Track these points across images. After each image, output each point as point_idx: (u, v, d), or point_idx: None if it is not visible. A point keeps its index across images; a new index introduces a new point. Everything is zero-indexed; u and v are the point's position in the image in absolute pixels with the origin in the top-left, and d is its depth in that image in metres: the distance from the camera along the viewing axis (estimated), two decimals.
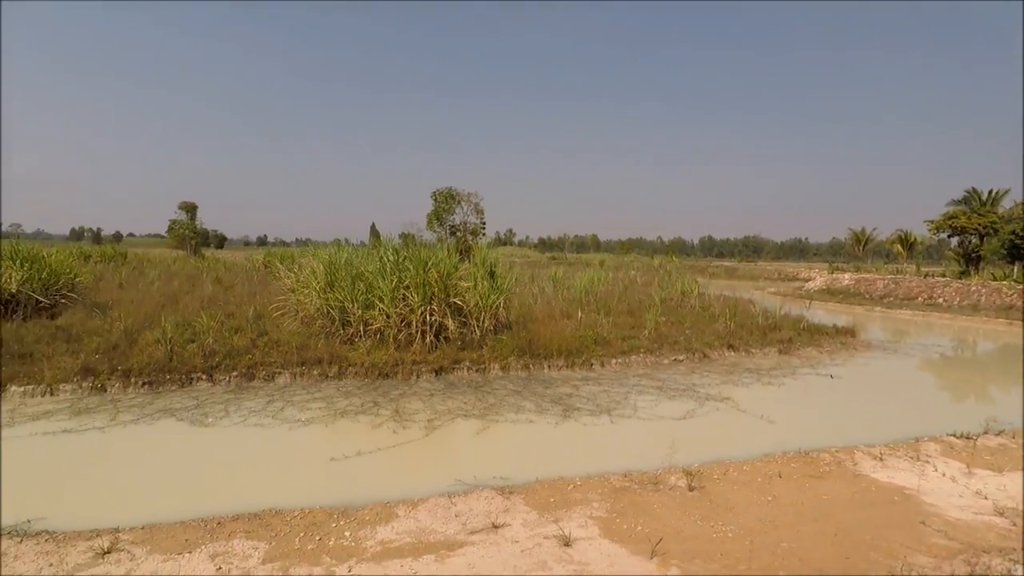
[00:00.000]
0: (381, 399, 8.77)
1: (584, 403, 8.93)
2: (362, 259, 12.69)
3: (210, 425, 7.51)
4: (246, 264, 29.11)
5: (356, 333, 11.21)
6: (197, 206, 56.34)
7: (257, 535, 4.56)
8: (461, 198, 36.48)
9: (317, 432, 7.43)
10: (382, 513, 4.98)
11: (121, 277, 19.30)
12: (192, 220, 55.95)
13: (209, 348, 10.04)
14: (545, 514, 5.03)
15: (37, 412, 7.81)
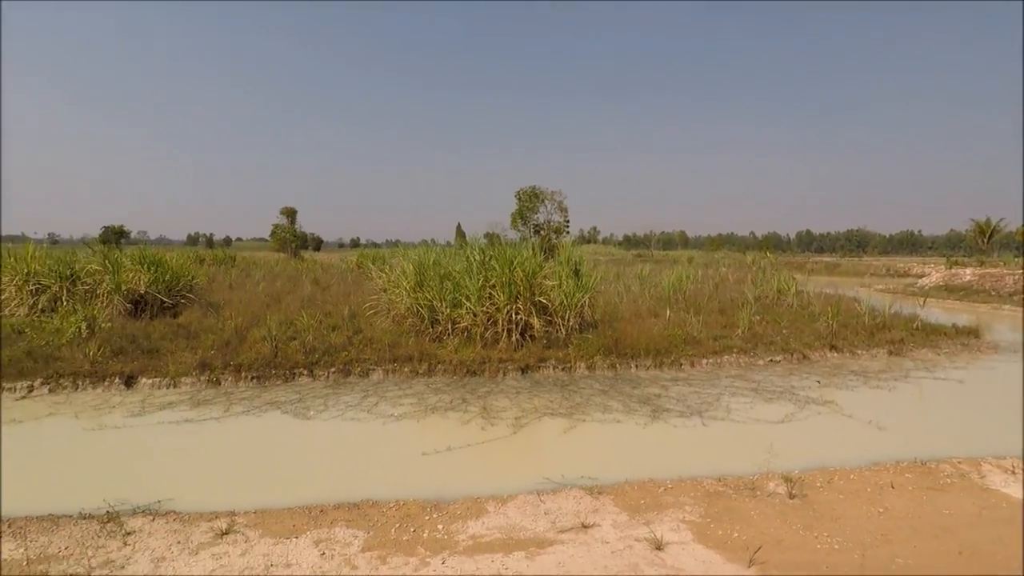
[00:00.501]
0: (469, 396, 8.96)
1: (674, 404, 8.67)
2: (449, 259, 13.02)
3: (311, 418, 7.98)
4: (341, 265, 30.70)
5: (444, 331, 11.52)
6: (296, 211, 60.09)
7: (356, 524, 4.79)
8: (545, 197, 36.56)
9: (409, 427, 7.69)
10: (473, 508, 5.08)
11: (231, 279, 20.96)
12: (292, 224, 59.76)
13: (309, 345, 10.67)
14: (635, 516, 4.93)
15: (163, 402, 8.63)
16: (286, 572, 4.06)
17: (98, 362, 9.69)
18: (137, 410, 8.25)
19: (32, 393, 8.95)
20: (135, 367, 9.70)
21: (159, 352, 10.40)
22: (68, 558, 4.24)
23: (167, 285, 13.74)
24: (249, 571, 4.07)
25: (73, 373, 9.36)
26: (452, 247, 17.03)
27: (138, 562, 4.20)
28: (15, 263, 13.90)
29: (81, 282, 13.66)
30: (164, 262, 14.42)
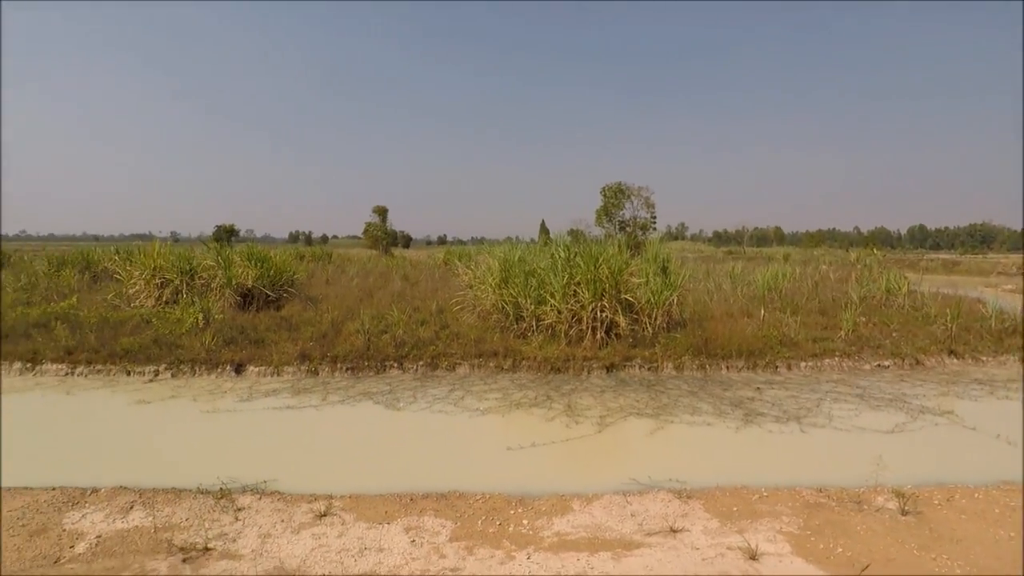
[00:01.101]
0: (553, 393, 8.95)
1: (768, 408, 8.23)
2: (534, 256, 13.05)
3: (401, 409, 8.27)
4: (428, 262, 31.63)
5: (529, 328, 11.58)
6: (387, 210, 62.53)
7: (444, 514, 4.92)
8: (631, 193, 35.82)
9: (494, 422, 7.80)
10: (558, 505, 5.07)
11: (327, 275, 22.14)
12: (383, 222, 62.24)
13: (399, 339, 11.08)
14: (727, 523, 4.72)
15: (268, 389, 9.26)
16: (379, 556, 4.24)
17: (212, 350, 10.56)
18: (245, 396, 8.91)
19: (158, 377, 9.91)
20: (243, 356, 10.48)
21: (264, 342, 11.18)
22: (188, 528, 4.65)
23: (271, 280, 14.73)
24: (345, 552, 4.28)
25: (191, 360, 10.26)
26: (536, 244, 17.08)
27: (247, 537, 4.53)
28: (144, 259, 15.42)
29: (198, 277, 14.95)
30: (269, 259, 15.46)
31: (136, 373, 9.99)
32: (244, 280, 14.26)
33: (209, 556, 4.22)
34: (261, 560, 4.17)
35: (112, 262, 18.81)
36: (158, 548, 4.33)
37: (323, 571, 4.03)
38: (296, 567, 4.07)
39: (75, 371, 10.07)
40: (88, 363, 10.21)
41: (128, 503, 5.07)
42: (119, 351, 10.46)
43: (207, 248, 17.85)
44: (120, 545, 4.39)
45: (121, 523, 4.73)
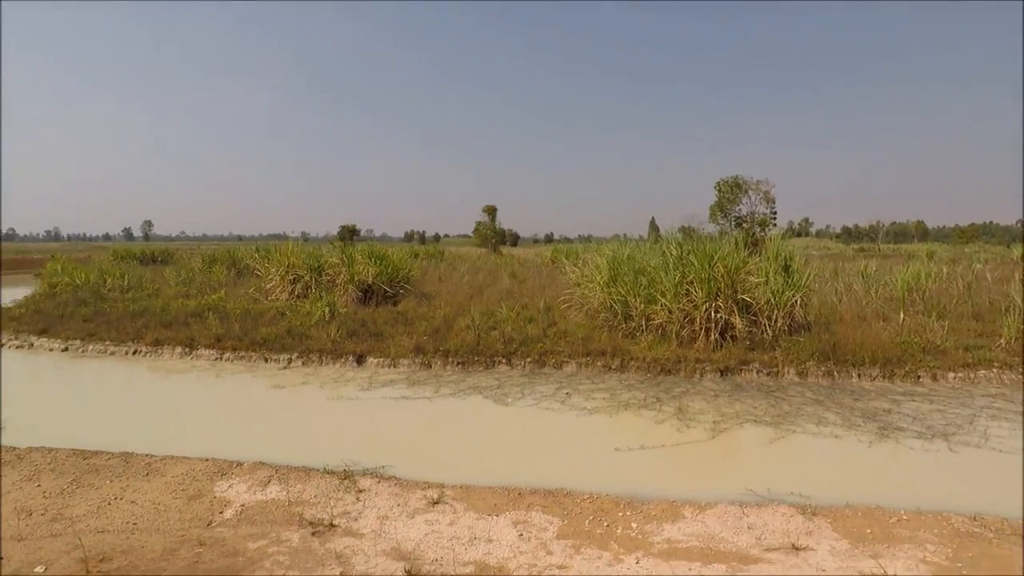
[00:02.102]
0: (663, 395, 8.68)
1: (909, 423, 7.43)
2: (644, 254, 12.74)
3: (509, 404, 8.42)
4: (536, 260, 31.91)
5: (638, 327, 11.32)
6: (496, 209, 63.93)
7: (551, 511, 4.94)
8: (748, 187, 33.80)
9: (601, 422, 7.71)
10: (668, 511, 4.91)
11: (440, 272, 23.04)
12: (492, 221, 63.70)
13: (508, 335, 11.28)
14: (859, 546, 4.32)
15: (385, 380, 9.81)
16: (487, 547, 4.34)
17: (337, 342, 11.37)
18: (366, 385, 9.50)
19: (291, 365, 10.84)
20: (364, 348, 11.18)
21: (382, 335, 11.86)
22: (316, 504, 5.04)
23: (389, 277, 15.60)
24: (456, 540, 4.43)
25: (319, 350, 11.12)
26: (645, 242, 16.63)
27: (367, 517, 4.83)
28: (279, 258, 16.96)
29: (325, 274, 16.18)
30: (387, 257, 16.39)
31: (272, 360, 11.01)
32: (365, 277, 15.22)
33: (334, 532, 4.55)
34: (380, 540, 4.43)
35: (253, 260, 20.93)
36: (291, 520, 4.74)
37: (435, 556, 4.20)
38: (411, 550, 4.28)
39: (223, 356, 11.28)
40: (233, 349, 11.40)
41: (266, 477, 5.60)
42: (259, 340, 11.57)
43: (332, 247, 19.30)
44: (260, 514, 4.86)
45: (260, 495, 5.24)
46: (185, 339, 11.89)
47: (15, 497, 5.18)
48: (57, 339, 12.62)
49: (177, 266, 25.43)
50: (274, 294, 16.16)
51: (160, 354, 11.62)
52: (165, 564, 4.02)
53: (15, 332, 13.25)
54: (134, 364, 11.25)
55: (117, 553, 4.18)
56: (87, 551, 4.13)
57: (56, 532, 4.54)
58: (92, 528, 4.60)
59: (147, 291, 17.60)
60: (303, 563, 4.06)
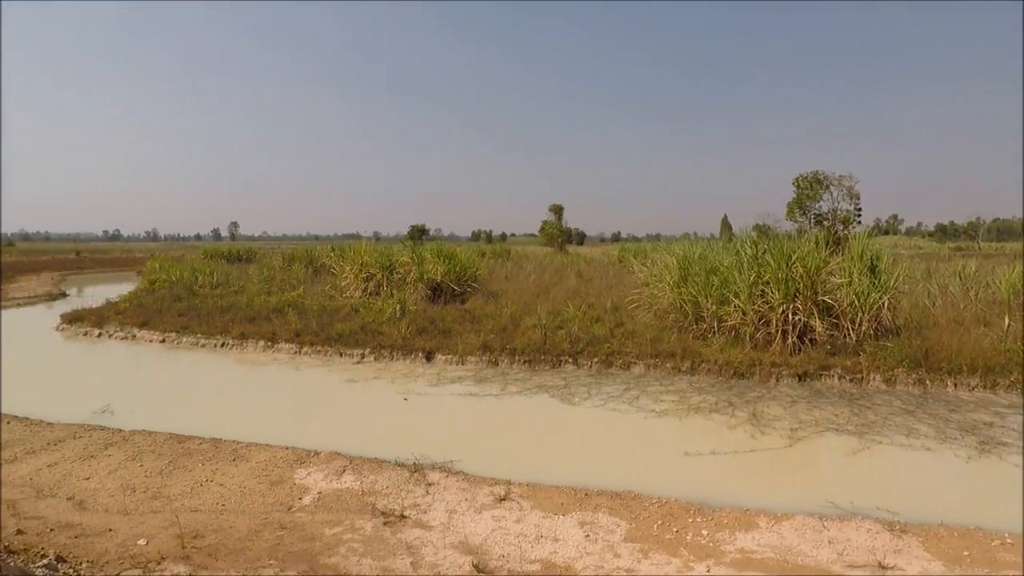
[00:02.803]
0: (736, 399, 8.38)
1: (1014, 437, 6.82)
2: (716, 253, 12.34)
3: (576, 404, 8.38)
4: (602, 259, 31.54)
5: (709, 329, 10.98)
6: (563, 208, 63.68)
7: (619, 513, 4.88)
8: (830, 182, 31.99)
9: (670, 425, 7.54)
10: (741, 520, 4.74)
11: (506, 271, 23.19)
12: (559, 220, 63.49)
13: (574, 335, 11.22)
14: (955, 568, 4.01)
15: (453, 376, 10.00)
16: (554, 546, 4.34)
17: (407, 338, 11.69)
18: (434, 381, 9.72)
19: (363, 360, 11.24)
20: (433, 345, 11.44)
21: (451, 333, 12.08)
22: (388, 495, 5.21)
23: (457, 276, 15.89)
24: (523, 537, 4.46)
25: (390, 346, 11.47)
26: (717, 241, 16.10)
27: (436, 510, 4.94)
28: (353, 256, 17.63)
29: (396, 272, 16.67)
30: (455, 256, 16.70)
31: (347, 355, 11.46)
32: (434, 275, 15.57)
33: (405, 523, 4.69)
34: (448, 534, 4.52)
35: (328, 259, 21.86)
36: (364, 509, 4.92)
37: (502, 552, 4.24)
38: (478, 545, 4.34)
39: (301, 350, 11.86)
40: (311, 344, 11.95)
41: (341, 467, 5.84)
42: (334, 335, 12.08)
43: (403, 246, 19.86)
44: (335, 502, 5.07)
45: (336, 483, 5.47)
46: (267, 333, 12.57)
47: (121, 475, 5.66)
48: (156, 331, 13.67)
49: (260, 264, 26.94)
50: (348, 291, 16.80)
51: (245, 347, 12.36)
52: (250, 544, 4.28)
53: (120, 324, 14.45)
54: (222, 356, 12.01)
55: (208, 531, 4.48)
56: (182, 528, 4.46)
57: (156, 509, 4.93)
58: (186, 507, 4.96)
59: (233, 288, 18.73)
60: (376, 551, 4.21)
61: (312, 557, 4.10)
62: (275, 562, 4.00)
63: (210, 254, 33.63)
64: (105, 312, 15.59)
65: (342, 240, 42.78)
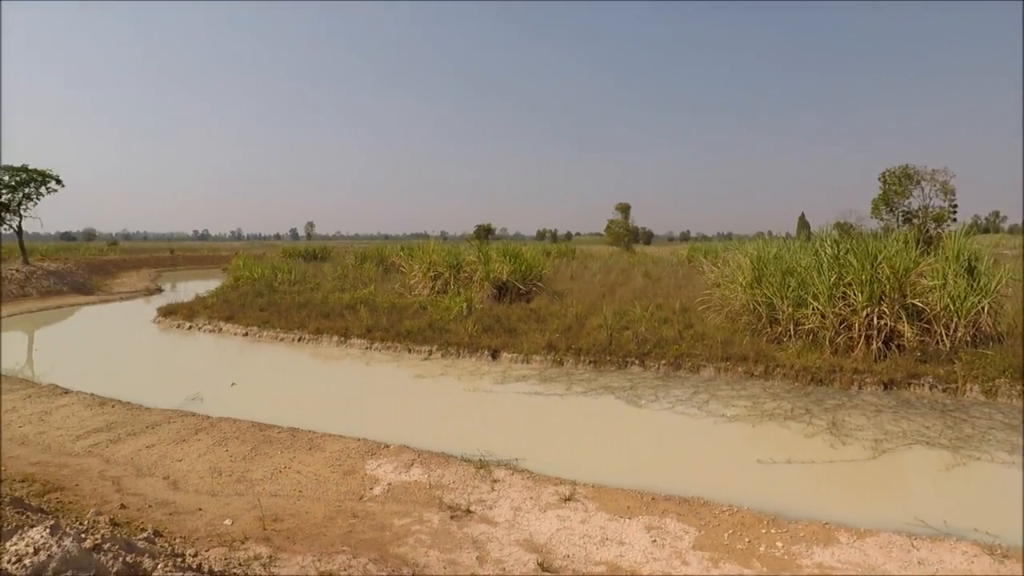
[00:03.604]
0: (814, 407, 7.97)
1: None
2: (792, 253, 11.78)
3: (642, 407, 8.22)
4: (671, 259, 30.79)
5: (784, 332, 10.49)
6: (630, 206, 62.65)
7: (687, 519, 4.75)
8: (921, 177, 29.72)
9: (742, 431, 7.27)
10: (819, 533, 4.50)
11: (571, 270, 23.05)
12: (626, 219, 62.49)
13: (641, 336, 11.01)
14: None
15: (519, 375, 10.05)
16: (619, 549, 4.28)
17: (473, 336, 11.85)
18: (500, 379, 9.81)
19: (431, 356, 11.49)
20: (498, 343, 11.54)
21: (516, 332, 12.15)
22: (455, 490, 5.31)
23: (523, 275, 15.96)
24: (588, 539, 4.42)
25: (457, 343, 11.67)
26: (794, 240, 15.34)
27: (501, 507, 4.99)
28: (422, 255, 18.06)
29: (463, 271, 16.93)
30: (521, 255, 16.78)
31: (415, 351, 11.75)
32: (500, 274, 15.70)
33: (471, 518, 4.76)
34: (513, 531, 4.55)
35: (398, 257, 22.49)
36: (431, 503, 5.04)
37: (567, 552, 4.23)
38: (543, 543, 4.35)
39: (372, 346, 12.26)
40: (381, 340, 12.33)
41: (410, 460, 6.00)
42: (403, 332, 12.41)
43: (469, 246, 20.15)
44: (404, 494, 5.22)
45: (405, 476, 5.62)
46: (340, 329, 13.09)
47: (209, 458, 6.06)
48: (239, 325, 14.52)
49: (333, 263, 28.08)
50: (416, 289, 17.23)
51: (320, 342, 12.91)
52: (325, 530, 4.47)
53: (208, 318, 15.45)
54: (299, 349, 12.61)
55: (286, 515, 4.72)
56: (263, 511, 4.72)
57: (240, 492, 5.24)
58: (267, 491, 5.24)
59: (309, 285, 19.62)
60: (443, 544, 4.29)
61: (382, 546, 4.24)
62: (348, 548, 4.17)
63: (288, 253, 35.32)
64: (195, 306, 16.71)
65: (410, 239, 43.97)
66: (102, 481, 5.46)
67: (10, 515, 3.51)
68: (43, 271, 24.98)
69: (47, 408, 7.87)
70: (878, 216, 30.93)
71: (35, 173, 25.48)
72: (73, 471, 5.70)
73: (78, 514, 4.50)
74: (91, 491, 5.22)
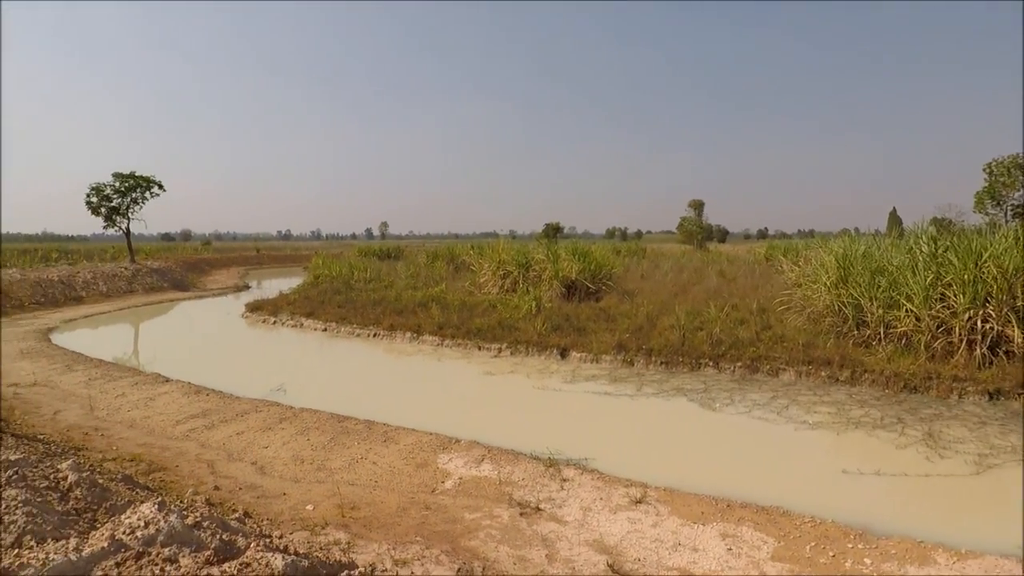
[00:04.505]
0: (907, 416, 7.44)
1: None
2: (883, 251, 11.05)
3: (717, 410, 7.96)
4: (747, 257, 29.61)
5: (873, 335, 9.84)
6: (704, 203, 60.80)
7: (765, 529, 4.56)
8: None
9: (825, 439, 6.89)
10: (913, 551, 4.20)
11: (642, 269, 22.62)
12: (699, 216, 60.71)
13: (716, 337, 10.65)
14: None
15: (588, 375, 9.97)
16: (693, 555, 4.17)
17: (542, 335, 11.87)
18: (568, 378, 9.77)
19: (500, 354, 11.61)
20: (567, 342, 11.50)
21: (585, 331, 12.06)
22: (524, 487, 5.34)
23: (592, 274, 15.82)
24: (659, 543, 4.34)
25: (526, 342, 11.72)
26: (884, 237, 14.36)
27: (570, 506, 4.97)
28: (491, 254, 18.28)
29: (532, 270, 16.99)
30: (590, 254, 16.65)
31: (485, 349, 11.90)
32: (569, 273, 15.64)
33: (540, 516, 4.78)
34: (583, 531, 4.53)
35: (468, 256, 22.85)
36: (501, 498, 5.09)
37: (638, 555, 4.16)
38: (613, 545, 4.30)
39: (443, 343, 12.53)
40: (452, 337, 12.58)
41: (480, 456, 6.09)
42: (473, 329, 12.61)
43: (538, 244, 20.19)
44: (475, 489, 5.31)
45: (475, 471, 5.72)
46: (413, 326, 13.46)
47: (292, 446, 6.40)
48: (319, 320, 15.24)
49: (406, 261, 28.91)
50: (486, 288, 17.45)
51: (393, 338, 13.33)
52: (399, 520, 4.62)
53: (290, 314, 16.31)
54: (373, 345, 13.08)
55: (363, 504, 4.91)
56: (342, 499, 4.93)
57: (320, 479, 5.50)
58: (345, 480, 5.47)
59: (384, 283, 20.30)
60: (512, 540, 4.33)
61: (454, 539, 4.33)
62: (421, 539, 4.28)
63: (363, 252, 36.65)
64: (279, 303, 17.68)
65: (480, 238, 44.57)
66: (198, 464, 5.88)
67: (122, 490, 3.86)
68: (147, 269, 27.23)
69: (151, 395, 8.57)
70: (982, 210, 28.50)
71: (141, 179, 27.79)
72: (173, 453, 6.18)
73: (178, 493, 4.88)
74: (189, 472, 5.63)
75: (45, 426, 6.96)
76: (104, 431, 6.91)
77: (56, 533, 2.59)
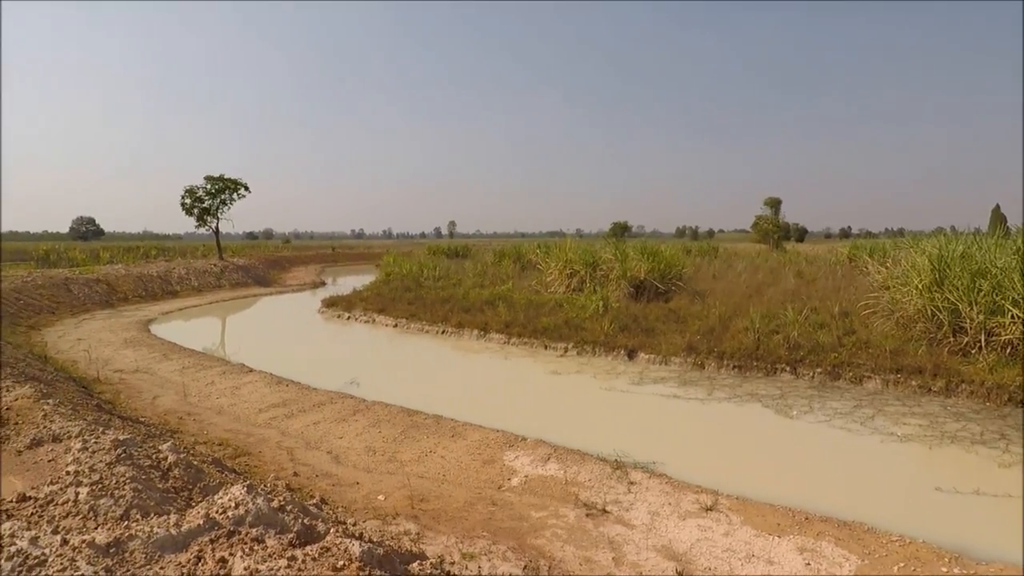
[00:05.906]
0: (1011, 432, 6.82)
1: None
2: (985, 252, 10.18)
3: (794, 418, 7.60)
4: (828, 257, 28.00)
5: (973, 343, 9.09)
6: (781, 201, 58.06)
7: (847, 546, 4.31)
8: None
9: (916, 453, 6.43)
10: None
11: (714, 269, 21.88)
12: (776, 215, 58.03)
13: (793, 341, 10.16)
14: None
15: (656, 377, 9.77)
16: (767, 568, 4.01)
17: (609, 335, 11.73)
18: (636, 380, 9.61)
19: (567, 353, 11.57)
20: (635, 343, 11.31)
21: (654, 332, 11.81)
22: (590, 488, 5.31)
23: (661, 273, 15.46)
24: (731, 553, 4.19)
25: (592, 341, 11.62)
26: (985, 236, 13.22)
27: (638, 510, 4.89)
28: (558, 253, 18.22)
29: (599, 269, 16.81)
30: (659, 253, 16.27)
31: (551, 348, 11.90)
32: (637, 273, 15.36)
33: (606, 518, 4.73)
34: (650, 536, 4.45)
35: (535, 255, 22.90)
36: (567, 498, 5.08)
37: (708, 564, 4.04)
38: (682, 552, 4.20)
39: (510, 341, 12.62)
40: (519, 335, 12.66)
41: (546, 455, 6.10)
42: (539, 328, 12.63)
43: (606, 244, 19.94)
44: (541, 487, 5.32)
45: (541, 470, 5.73)
46: (480, 323, 13.64)
47: (365, 438, 6.64)
48: (390, 316, 15.73)
49: (473, 260, 29.29)
50: (553, 287, 17.42)
51: (461, 335, 13.56)
52: (466, 514, 4.70)
53: (363, 310, 16.93)
54: (442, 341, 13.35)
55: (432, 497, 5.03)
56: (412, 491, 5.08)
57: (391, 471, 5.68)
58: (414, 473, 5.63)
59: (452, 281, 20.66)
60: (578, 540, 4.32)
61: (520, 536, 4.36)
62: (487, 534, 4.34)
63: (432, 250, 37.45)
64: (352, 299, 18.38)
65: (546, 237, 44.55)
66: (279, 451, 6.22)
67: (213, 472, 4.14)
68: (234, 266, 29.03)
69: (237, 384, 9.13)
70: None
71: (229, 182, 29.66)
72: (256, 440, 6.56)
73: (261, 477, 5.18)
74: (271, 458, 5.97)
75: (146, 409, 7.56)
76: (196, 416, 7.43)
77: (158, 509, 2.81)
